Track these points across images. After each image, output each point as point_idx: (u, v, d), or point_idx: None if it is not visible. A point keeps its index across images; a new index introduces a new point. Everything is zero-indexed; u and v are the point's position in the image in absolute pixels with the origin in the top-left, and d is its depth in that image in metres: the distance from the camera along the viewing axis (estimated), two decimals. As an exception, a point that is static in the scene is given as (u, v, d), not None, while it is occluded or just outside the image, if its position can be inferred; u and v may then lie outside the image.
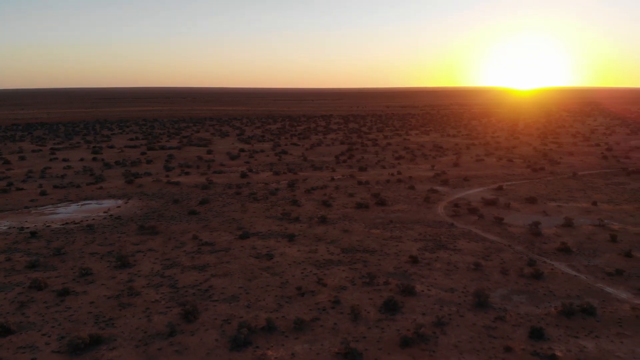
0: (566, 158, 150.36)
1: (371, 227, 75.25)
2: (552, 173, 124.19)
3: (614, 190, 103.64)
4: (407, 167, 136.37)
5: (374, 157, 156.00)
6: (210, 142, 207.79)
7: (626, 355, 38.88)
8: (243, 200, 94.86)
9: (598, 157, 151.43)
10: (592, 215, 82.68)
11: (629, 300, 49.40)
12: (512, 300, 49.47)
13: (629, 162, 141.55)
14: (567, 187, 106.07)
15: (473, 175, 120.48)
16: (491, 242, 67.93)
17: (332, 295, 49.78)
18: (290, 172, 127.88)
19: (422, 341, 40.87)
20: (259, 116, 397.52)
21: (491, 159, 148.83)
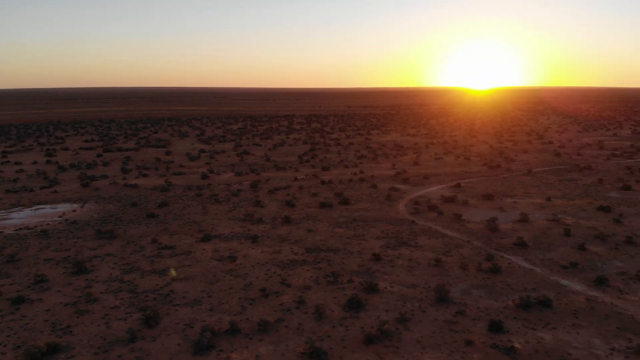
0: (521, 155, 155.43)
1: (335, 226, 75.61)
2: (508, 170, 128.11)
3: (567, 186, 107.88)
4: (369, 166, 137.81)
5: (336, 157, 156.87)
6: (169, 143, 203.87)
7: (582, 346, 40.51)
8: (204, 202, 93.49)
9: (551, 155, 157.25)
10: (546, 210, 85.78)
11: (583, 292, 51.49)
12: (472, 294, 50.73)
13: (580, 159, 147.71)
14: (522, 184, 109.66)
15: (432, 174, 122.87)
16: (451, 238, 69.46)
17: (297, 296, 49.72)
18: (253, 172, 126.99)
19: (386, 338, 41.36)
20: (220, 116, 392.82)
21: (449, 158, 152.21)
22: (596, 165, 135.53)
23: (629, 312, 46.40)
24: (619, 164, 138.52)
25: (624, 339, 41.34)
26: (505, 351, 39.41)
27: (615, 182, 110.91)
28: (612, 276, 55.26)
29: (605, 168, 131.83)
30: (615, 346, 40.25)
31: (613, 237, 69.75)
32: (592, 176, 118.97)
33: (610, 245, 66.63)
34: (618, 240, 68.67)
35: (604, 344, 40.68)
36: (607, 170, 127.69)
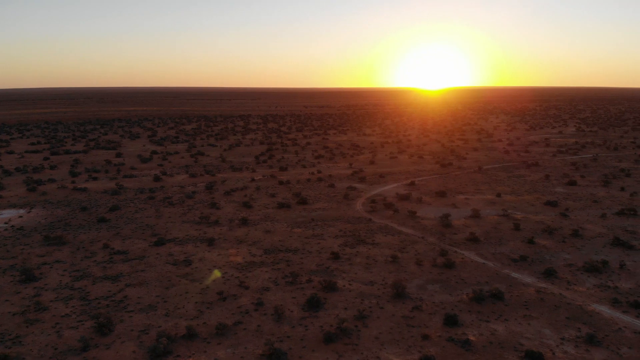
0: (472, 154, 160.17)
1: (293, 227, 75.48)
2: (460, 168, 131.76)
3: (516, 182, 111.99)
4: (327, 165, 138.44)
5: (294, 157, 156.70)
6: (120, 144, 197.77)
7: (533, 336, 42.12)
8: (157, 205, 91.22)
9: (500, 152, 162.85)
10: (496, 206, 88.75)
11: (533, 284, 53.57)
12: (428, 289, 51.84)
13: (528, 156, 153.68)
14: (473, 181, 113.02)
15: (388, 172, 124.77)
16: (406, 235, 70.74)
17: (255, 297, 49.31)
18: (208, 173, 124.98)
19: (345, 335, 41.65)
20: (172, 116, 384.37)
21: (404, 156, 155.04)
22: (543, 162, 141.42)
23: (577, 303, 48.63)
24: (564, 160, 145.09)
25: (573, 329, 43.28)
26: (460, 344, 40.46)
27: (561, 178, 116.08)
28: (560, 268, 57.79)
29: (552, 164, 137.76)
30: (565, 336, 42.08)
31: (560, 231, 72.96)
32: (539, 172, 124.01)
33: (558, 238, 69.65)
34: (565, 233, 71.88)
35: (555, 333, 42.46)
36: (553, 167, 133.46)
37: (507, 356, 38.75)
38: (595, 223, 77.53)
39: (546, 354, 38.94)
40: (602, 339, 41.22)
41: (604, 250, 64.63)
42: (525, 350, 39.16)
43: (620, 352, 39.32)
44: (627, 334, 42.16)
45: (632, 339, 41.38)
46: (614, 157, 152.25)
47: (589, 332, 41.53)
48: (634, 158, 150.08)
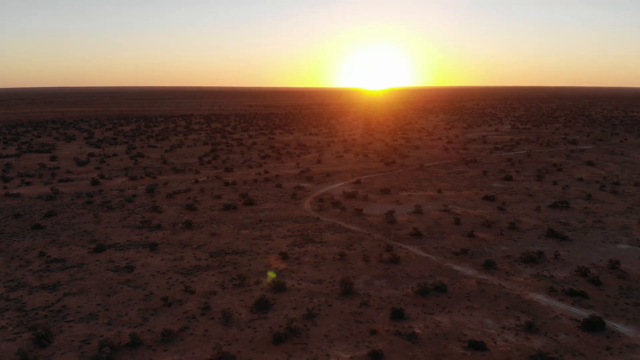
0: (414, 152, 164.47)
1: (240, 228, 74.56)
2: (403, 166, 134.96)
3: (455, 178, 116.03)
4: (274, 165, 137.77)
5: (240, 157, 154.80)
6: (54, 147, 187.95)
7: (476, 326, 43.77)
8: (96, 209, 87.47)
9: (440, 150, 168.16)
10: (438, 202, 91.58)
11: (474, 275, 55.67)
12: (375, 285, 52.73)
13: (466, 153, 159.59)
14: (415, 178, 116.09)
15: (334, 171, 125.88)
16: (353, 232, 71.65)
17: (202, 302, 48.32)
18: (149, 176, 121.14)
19: (294, 335, 41.62)
20: (110, 117, 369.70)
21: (349, 155, 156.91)
22: (481, 159, 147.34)
23: (515, 292, 50.98)
24: (500, 157, 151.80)
25: (513, 318, 45.33)
26: (407, 337, 41.43)
27: (498, 173, 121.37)
28: (499, 260, 60.41)
29: (489, 161, 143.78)
30: (506, 324, 44.01)
31: (498, 224, 76.27)
32: (477, 169, 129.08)
33: (496, 231, 72.78)
34: (502, 226, 75.21)
35: (495, 323, 44.31)
36: (490, 163, 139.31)
37: (451, 347, 40.05)
38: (530, 216, 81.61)
39: (488, 343, 40.57)
40: (540, 327, 43.42)
41: (539, 241, 68.14)
42: (468, 340, 40.62)
43: (557, 338, 41.57)
44: (563, 321, 44.64)
45: (569, 325, 43.87)
46: (546, 153, 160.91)
47: (527, 321, 43.63)
48: (565, 153, 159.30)
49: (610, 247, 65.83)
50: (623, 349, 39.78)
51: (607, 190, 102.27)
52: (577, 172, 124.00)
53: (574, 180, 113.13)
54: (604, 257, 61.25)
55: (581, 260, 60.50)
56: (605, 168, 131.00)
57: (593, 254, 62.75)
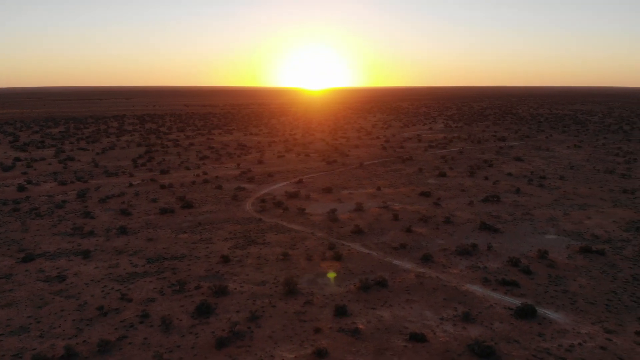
0: (354, 151, 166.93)
1: (179, 232, 72.57)
2: (343, 164, 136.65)
3: (393, 175, 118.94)
4: (213, 166, 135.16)
5: (176, 159, 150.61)
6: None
7: (416, 319, 45.03)
8: (23, 217, 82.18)
9: (379, 149, 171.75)
10: (377, 199, 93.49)
11: (413, 269, 57.27)
12: (318, 283, 53.04)
13: (403, 151, 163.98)
14: (356, 176, 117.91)
15: (276, 171, 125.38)
16: (296, 232, 71.69)
17: (140, 310, 46.62)
18: (79, 180, 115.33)
19: (238, 338, 41.07)
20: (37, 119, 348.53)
21: (291, 155, 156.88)
22: (416, 156, 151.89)
23: (452, 284, 52.94)
24: (435, 154, 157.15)
25: (450, 309, 47.03)
26: (350, 333, 41.98)
27: (433, 170, 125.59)
28: (436, 253, 62.52)
29: (424, 158, 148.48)
30: (444, 316, 45.60)
31: (434, 219, 78.93)
32: (413, 166, 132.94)
33: (432, 225, 75.29)
34: (438, 221, 77.91)
35: (434, 314, 45.82)
36: (425, 160, 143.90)
37: (393, 340, 41.00)
38: (464, 210, 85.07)
39: (428, 334, 41.88)
40: (476, 316, 45.34)
41: (473, 234, 71.17)
42: (409, 333, 41.75)
43: (493, 327, 43.57)
44: (497, 310, 46.84)
45: (503, 314, 46.08)
46: (478, 150, 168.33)
47: (464, 311, 45.44)
48: (495, 150, 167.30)
49: (538, 237, 69.86)
50: (554, 334, 42.31)
51: (534, 184, 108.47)
52: (506, 168, 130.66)
53: (504, 175, 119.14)
54: (533, 248, 64.90)
55: (512, 251, 63.79)
56: (533, 163, 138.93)
57: (523, 245, 66.34)
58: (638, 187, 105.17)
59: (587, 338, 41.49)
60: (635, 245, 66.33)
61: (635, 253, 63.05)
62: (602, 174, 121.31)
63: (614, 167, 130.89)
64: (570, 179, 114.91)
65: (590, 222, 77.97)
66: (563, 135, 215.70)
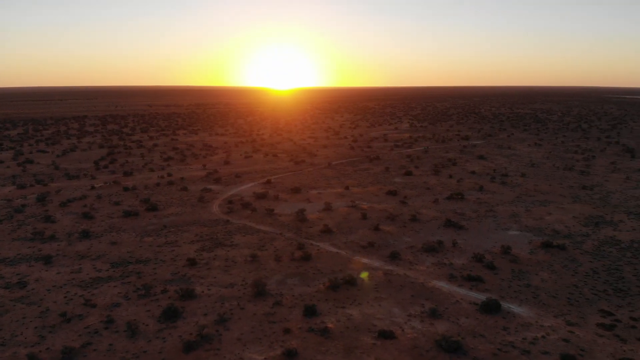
0: (322, 151, 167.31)
1: (143, 236, 71.06)
2: (312, 164, 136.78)
3: (361, 175, 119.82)
4: (178, 168, 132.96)
5: (140, 160, 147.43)
6: None
7: (384, 316, 45.48)
8: (-22, 222, 78.85)
9: (347, 148, 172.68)
10: (346, 198, 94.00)
11: (381, 267, 57.83)
12: (287, 284, 52.90)
13: (370, 151, 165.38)
14: (324, 176, 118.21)
15: (244, 172, 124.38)
16: (265, 233, 71.31)
17: (104, 315, 45.46)
18: (39, 183, 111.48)
19: (206, 342, 40.54)
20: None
21: (258, 155, 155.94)
22: (383, 156, 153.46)
23: (419, 281, 53.71)
24: (401, 154, 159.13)
25: (418, 305, 47.71)
26: (320, 332, 42.05)
27: (399, 169, 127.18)
28: (403, 250, 63.33)
29: (391, 158, 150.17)
30: (412, 312, 46.21)
31: (401, 217, 79.94)
32: (380, 165, 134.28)
33: (399, 224, 76.23)
34: (405, 219, 78.94)
35: (402, 311, 46.38)
36: (392, 160, 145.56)
37: (362, 338, 41.30)
38: (429, 208, 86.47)
39: (396, 331, 42.37)
40: (443, 312, 46.15)
41: (438, 231, 72.42)
42: (378, 330, 42.14)
43: (459, 322, 44.43)
44: (463, 305, 47.79)
45: (468, 309, 47.04)
46: (442, 149, 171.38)
47: (431, 307, 46.18)
48: (459, 149, 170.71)
49: (502, 234, 71.68)
50: (518, 328, 43.48)
51: (497, 181, 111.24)
52: (470, 166, 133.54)
53: (468, 174, 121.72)
54: (496, 244, 66.55)
55: (476, 247, 65.25)
56: (495, 161, 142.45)
57: (487, 241, 67.93)
58: (596, 183, 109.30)
59: (550, 331, 42.82)
60: (594, 239, 68.89)
61: (595, 247, 65.48)
62: (561, 171, 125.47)
63: (573, 164, 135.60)
64: (531, 176, 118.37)
65: (550, 217, 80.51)
66: (524, 134, 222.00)
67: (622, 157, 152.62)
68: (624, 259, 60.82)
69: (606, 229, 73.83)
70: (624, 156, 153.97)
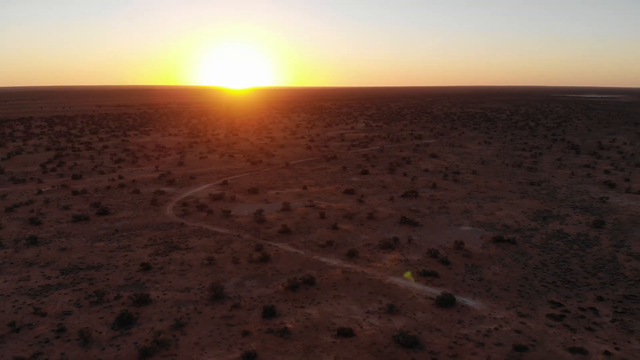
0: (279, 150, 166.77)
1: (94, 241, 68.64)
2: (269, 165, 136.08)
3: (319, 174, 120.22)
4: (129, 170, 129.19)
5: (89, 163, 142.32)
6: None
7: (343, 314, 45.80)
8: None
9: (304, 148, 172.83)
10: (304, 198, 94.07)
11: (339, 265, 58.21)
12: (245, 286, 52.43)
13: (327, 150, 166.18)
14: (282, 176, 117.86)
15: (198, 173, 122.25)
16: (222, 235, 70.35)
17: (55, 324, 43.64)
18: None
19: (162, 348, 39.62)
20: None
21: (214, 156, 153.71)
22: (340, 155, 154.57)
23: (377, 277, 54.43)
24: (357, 153, 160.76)
25: (375, 302, 48.34)
26: (279, 333, 41.91)
27: (356, 168, 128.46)
28: (361, 248, 64.01)
29: (347, 157, 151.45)
30: (370, 309, 46.77)
31: (358, 215, 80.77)
32: (337, 165, 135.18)
33: (357, 222, 77.00)
34: (362, 217, 79.82)
35: (361, 308, 46.87)
36: (349, 159, 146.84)
37: (322, 337, 41.46)
38: (385, 206, 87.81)
39: (355, 328, 42.79)
40: (400, 308, 46.96)
41: (394, 228, 73.65)
42: (337, 328, 42.41)
43: (416, 317, 45.32)
44: (420, 300, 48.78)
45: (424, 304, 48.06)
46: (397, 148, 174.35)
47: (389, 303, 46.91)
48: (413, 147, 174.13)
49: (455, 229, 73.66)
50: (472, 320, 44.79)
51: (449, 179, 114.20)
52: (423, 164, 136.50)
53: (421, 172, 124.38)
54: (450, 239, 68.32)
55: (431, 243, 66.78)
56: (447, 159, 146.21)
57: (441, 237, 69.65)
58: (544, 179, 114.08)
59: (503, 323, 44.35)
60: (542, 233, 71.86)
61: (543, 241, 68.33)
62: (510, 168, 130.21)
63: (522, 161, 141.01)
64: (482, 173, 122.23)
65: (501, 213, 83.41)
66: (474, 133, 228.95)
67: (568, 153, 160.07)
68: (571, 252, 63.77)
69: (553, 223, 77.19)
70: (569, 153, 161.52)
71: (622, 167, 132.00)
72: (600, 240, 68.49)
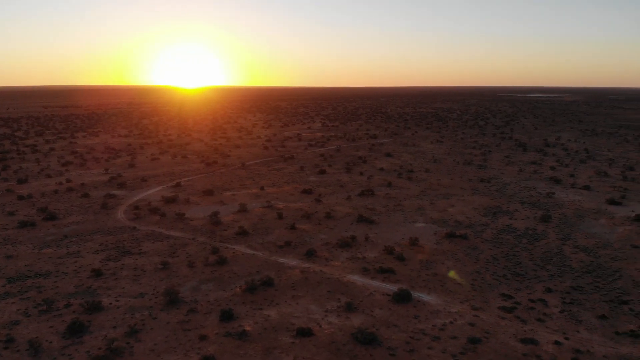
0: (235, 151, 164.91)
1: (42, 247, 65.69)
2: (224, 165, 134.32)
3: (276, 175, 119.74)
4: (78, 173, 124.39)
5: (35, 166, 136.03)
6: None
7: (302, 314, 45.80)
8: None
9: (260, 148, 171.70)
10: (261, 199, 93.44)
11: (298, 265, 58.18)
12: (201, 289, 51.55)
13: (284, 150, 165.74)
14: (238, 177, 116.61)
15: (150, 175, 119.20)
16: (176, 239, 68.87)
17: (3, 334, 41.51)
18: None
19: (116, 355, 38.41)
20: None
21: (166, 157, 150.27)
22: (297, 155, 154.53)
23: (335, 276, 54.75)
24: (314, 153, 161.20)
25: (334, 300, 48.61)
26: (237, 336, 41.47)
27: (313, 168, 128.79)
28: (319, 247, 64.22)
29: (305, 157, 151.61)
30: (328, 308, 46.99)
31: (316, 215, 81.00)
32: (295, 165, 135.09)
33: (315, 221, 77.21)
34: (320, 216, 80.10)
35: (319, 308, 47.02)
36: (306, 159, 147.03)
37: (281, 338, 41.32)
38: (343, 205, 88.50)
39: (314, 328, 42.89)
40: (358, 305, 47.43)
41: (352, 227, 74.33)
42: (296, 328, 42.38)
43: (373, 314, 45.88)
44: (377, 297, 49.43)
45: (382, 300, 48.74)
46: (353, 147, 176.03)
47: (347, 301, 47.29)
48: (368, 147, 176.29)
49: (409, 226, 75.13)
50: (428, 315, 45.79)
51: (403, 177, 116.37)
52: (378, 163, 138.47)
53: (377, 170, 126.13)
54: (405, 236, 69.63)
55: (387, 240, 67.84)
56: (401, 158, 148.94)
57: (396, 234, 70.87)
58: (493, 176, 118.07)
59: (457, 316, 45.59)
60: (493, 228, 74.35)
61: (494, 235, 70.70)
62: (461, 166, 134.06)
63: (472, 159, 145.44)
64: (434, 171, 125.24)
65: (453, 209, 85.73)
66: (427, 132, 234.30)
67: (515, 151, 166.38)
68: (520, 245, 66.30)
69: (503, 218, 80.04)
70: (516, 150, 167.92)
71: (567, 164, 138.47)
72: (548, 234, 71.56)
